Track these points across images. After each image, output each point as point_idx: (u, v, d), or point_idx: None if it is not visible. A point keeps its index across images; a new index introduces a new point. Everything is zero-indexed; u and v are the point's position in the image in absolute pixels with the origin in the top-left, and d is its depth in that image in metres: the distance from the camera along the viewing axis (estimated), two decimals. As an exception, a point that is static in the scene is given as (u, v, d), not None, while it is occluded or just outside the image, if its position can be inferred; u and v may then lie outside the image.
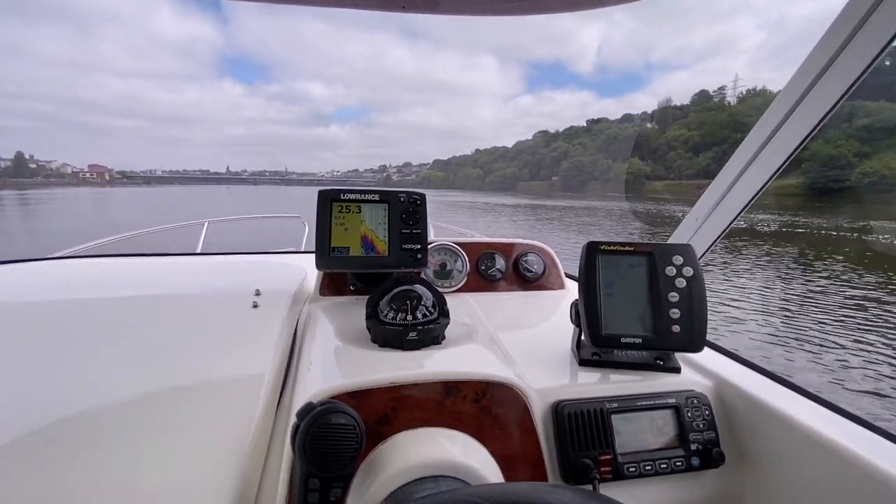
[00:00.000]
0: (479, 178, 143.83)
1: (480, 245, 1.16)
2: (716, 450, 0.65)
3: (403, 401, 0.59)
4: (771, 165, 0.78)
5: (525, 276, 1.14)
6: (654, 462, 0.64)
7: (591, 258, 0.72)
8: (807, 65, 0.71)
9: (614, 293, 0.71)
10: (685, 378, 0.72)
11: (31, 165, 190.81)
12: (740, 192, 0.83)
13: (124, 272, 1.20)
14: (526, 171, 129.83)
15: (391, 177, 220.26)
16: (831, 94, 0.69)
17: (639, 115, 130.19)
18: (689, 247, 0.71)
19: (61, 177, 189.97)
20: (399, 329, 0.72)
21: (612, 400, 0.66)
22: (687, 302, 0.69)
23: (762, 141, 0.78)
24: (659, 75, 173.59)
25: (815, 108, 0.71)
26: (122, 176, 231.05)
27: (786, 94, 0.75)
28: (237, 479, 0.55)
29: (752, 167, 0.80)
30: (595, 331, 0.69)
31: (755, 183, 0.81)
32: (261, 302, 0.90)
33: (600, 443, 0.63)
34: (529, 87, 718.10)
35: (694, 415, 0.67)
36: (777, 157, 0.76)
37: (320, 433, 0.52)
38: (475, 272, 1.13)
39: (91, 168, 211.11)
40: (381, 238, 0.93)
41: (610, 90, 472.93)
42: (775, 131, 0.76)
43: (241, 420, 0.62)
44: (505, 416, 0.61)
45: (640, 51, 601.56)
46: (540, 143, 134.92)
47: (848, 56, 0.66)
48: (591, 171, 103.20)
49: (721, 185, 0.86)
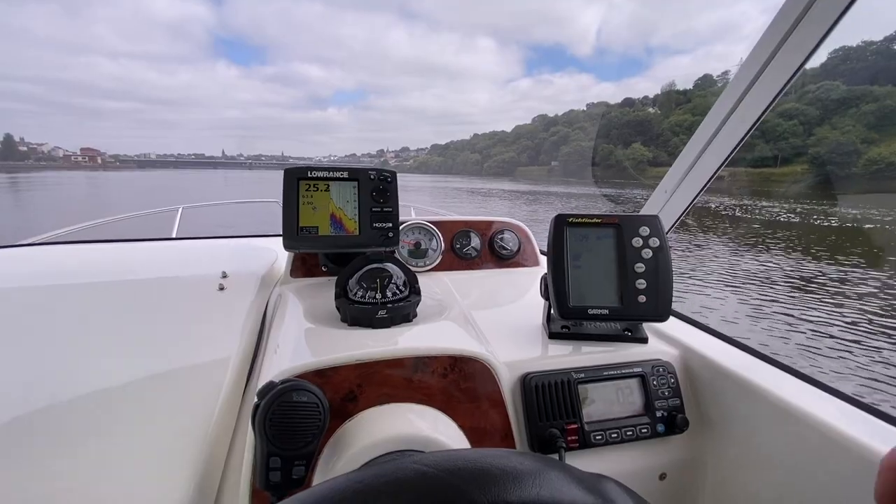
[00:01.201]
0: (477, 163, 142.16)
1: (455, 224, 1.15)
2: (680, 416, 0.66)
3: (370, 378, 0.58)
4: (732, 139, 0.79)
5: (500, 254, 1.14)
6: (620, 430, 0.65)
7: (559, 231, 0.71)
8: (762, 43, 0.72)
9: (581, 265, 0.71)
10: (652, 348, 0.73)
11: (21, 148, 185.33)
12: (706, 165, 0.84)
13: (93, 258, 1.18)
14: (525, 155, 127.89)
15: (388, 161, 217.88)
16: (784, 72, 0.70)
17: (640, 100, 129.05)
18: (656, 218, 0.71)
19: (53, 160, 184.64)
20: (368, 307, 0.71)
21: (579, 371, 0.67)
22: (653, 272, 0.69)
23: (724, 115, 0.79)
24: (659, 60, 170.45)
25: (770, 86, 0.72)
26: (116, 160, 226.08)
27: (743, 71, 0.76)
28: (202, 462, 0.55)
29: (715, 140, 0.81)
30: (563, 303, 0.69)
31: (719, 155, 0.81)
32: (228, 285, 0.88)
33: (567, 413, 0.64)
34: (528, 71, 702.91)
35: (659, 383, 0.68)
36: (738, 131, 0.78)
37: (280, 411, 0.51)
38: (450, 251, 1.12)
39: (83, 151, 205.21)
40: (350, 217, 0.91)
41: (609, 74, 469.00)
42: (735, 106, 0.77)
43: (206, 404, 0.62)
44: (473, 389, 0.61)
45: (641, 34, 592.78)
46: (539, 127, 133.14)
47: (799, 34, 0.67)
48: (591, 156, 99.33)
49: (688, 157, 0.87)
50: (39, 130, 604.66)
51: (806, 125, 60.20)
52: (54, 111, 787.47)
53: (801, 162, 51.65)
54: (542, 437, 0.62)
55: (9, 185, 46.61)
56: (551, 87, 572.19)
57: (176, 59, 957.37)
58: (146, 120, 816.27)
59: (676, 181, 0.89)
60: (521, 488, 0.28)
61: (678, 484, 0.68)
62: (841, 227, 16.16)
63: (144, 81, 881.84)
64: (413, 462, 0.29)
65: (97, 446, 0.55)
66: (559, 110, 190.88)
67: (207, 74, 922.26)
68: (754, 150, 57.69)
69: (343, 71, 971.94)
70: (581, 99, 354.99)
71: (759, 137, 66.05)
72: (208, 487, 0.54)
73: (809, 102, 62.94)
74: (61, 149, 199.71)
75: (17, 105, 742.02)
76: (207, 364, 0.69)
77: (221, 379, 0.66)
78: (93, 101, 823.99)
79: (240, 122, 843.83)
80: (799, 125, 60.18)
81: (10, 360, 0.67)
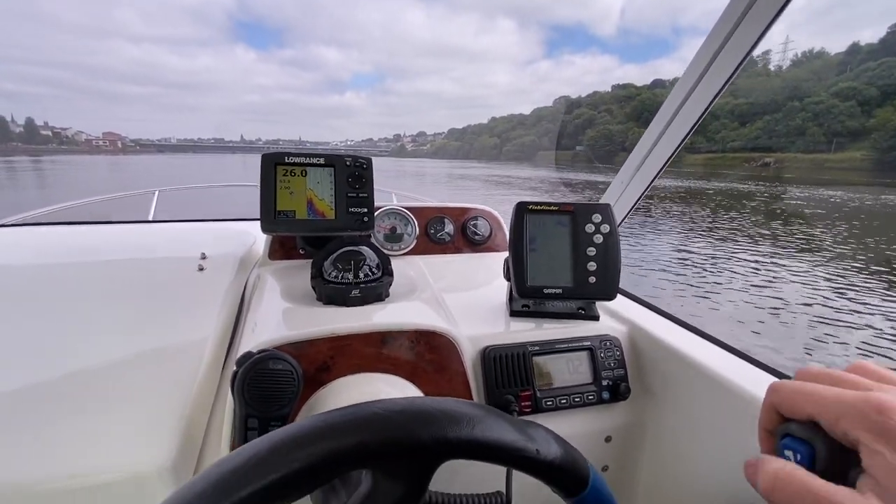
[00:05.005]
0: (495, 147, 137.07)
1: (430, 210, 1.20)
2: (623, 384, 0.74)
3: (342, 350, 0.63)
4: (678, 135, 0.85)
5: (473, 240, 1.20)
6: (569, 396, 0.72)
7: (519, 217, 0.77)
8: (709, 41, 0.77)
9: (538, 248, 0.77)
10: (603, 325, 0.80)
11: (44, 132, 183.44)
12: (655, 159, 0.91)
13: (65, 240, 1.18)
14: (546, 139, 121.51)
15: (405, 146, 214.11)
16: (727, 69, 0.76)
17: (670, 81, 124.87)
18: (608, 206, 0.77)
19: (75, 144, 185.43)
20: (342, 287, 0.76)
21: (534, 344, 0.73)
22: (603, 255, 0.76)
23: (674, 110, 0.85)
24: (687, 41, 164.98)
25: (713, 84, 0.78)
26: (136, 144, 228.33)
27: (692, 67, 0.81)
28: (184, 427, 0.58)
29: (665, 136, 0.87)
30: (521, 283, 0.76)
31: (666, 151, 0.88)
32: (207, 265, 0.91)
33: (522, 381, 0.71)
34: (549, 52, 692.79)
35: (606, 355, 0.76)
36: (684, 126, 0.84)
37: (257, 377, 0.56)
38: (424, 236, 1.17)
39: (105, 136, 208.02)
40: (327, 201, 0.95)
41: (634, 55, 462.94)
42: (684, 101, 0.83)
43: (188, 375, 0.65)
44: (437, 360, 0.67)
45: (668, 13, 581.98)
46: (561, 109, 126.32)
47: (742, 33, 0.73)
48: (621, 141, 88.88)
49: (641, 151, 0.93)
50: (65, 115, 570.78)
51: (865, 105, 55.96)
52: (80, 96, 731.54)
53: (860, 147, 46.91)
54: (498, 402, 0.69)
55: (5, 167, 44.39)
56: (572, 69, 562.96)
57: (196, 43, 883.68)
58: (167, 104, 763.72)
59: (631, 173, 0.96)
60: (458, 428, 0.35)
61: (622, 445, 0.76)
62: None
63: (166, 65, 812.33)
64: (370, 406, 0.35)
65: (80, 416, 0.57)
66: (581, 92, 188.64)
67: (227, 58, 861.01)
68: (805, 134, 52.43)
69: (361, 53, 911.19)
70: (603, 81, 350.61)
71: (810, 120, 60.46)
72: (191, 448, 0.59)
73: (868, 81, 58.11)
74: (84, 133, 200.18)
75: (45, 90, 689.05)
76: (188, 340, 0.72)
77: (202, 352, 0.69)
78: (116, 86, 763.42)
79: (259, 106, 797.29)
80: (857, 106, 55.92)
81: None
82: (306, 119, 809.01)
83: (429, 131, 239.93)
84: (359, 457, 0.31)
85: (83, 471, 0.51)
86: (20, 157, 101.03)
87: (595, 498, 0.39)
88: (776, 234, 12.58)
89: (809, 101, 68.91)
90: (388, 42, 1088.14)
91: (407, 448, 0.33)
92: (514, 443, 0.36)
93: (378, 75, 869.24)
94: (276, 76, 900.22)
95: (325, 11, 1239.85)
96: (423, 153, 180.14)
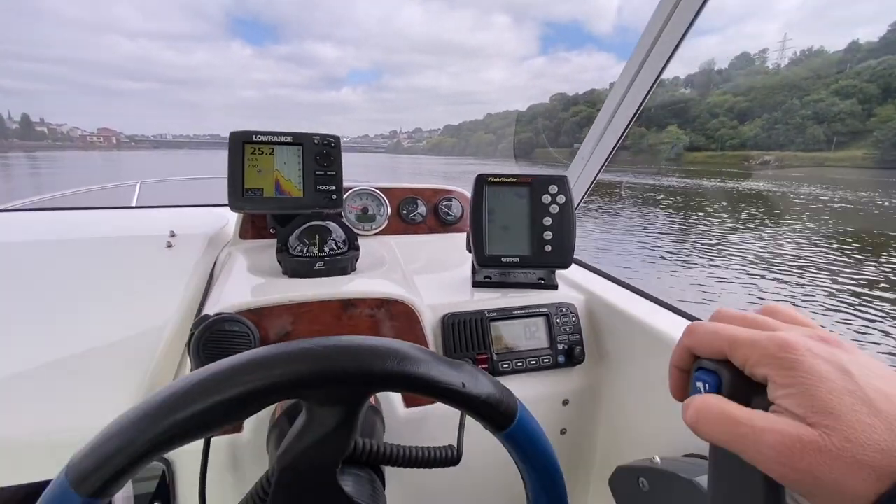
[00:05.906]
0: (491, 143, 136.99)
1: (403, 190, 1.21)
2: (578, 349, 0.76)
3: (302, 316, 0.65)
4: (627, 115, 0.91)
5: (445, 220, 1.22)
6: (525, 360, 0.74)
7: (479, 189, 0.79)
8: (646, 35, 0.85)
9: (496, 219, 0.79)
10: (561, 293, 0.83)
11: (40, 129, 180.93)
12: (610, 137, 0.94)
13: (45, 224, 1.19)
14: (543, 136, 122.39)
15: (402, 143, 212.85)
16: (661, 59, 0.84)
17: (671, 80, 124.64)
18: (564, 177, 0.80)
19: (70, 140, 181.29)
20: (307, 260, 0.77)
21: (492, 311, 0.76)
22: (559, 225, 0.78)
23: (622, 93, 0.89)
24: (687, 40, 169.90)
25: (650, 74, 0.85)
26: (131, 140, 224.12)
27: (633, 60, 0.89)
28: (147, 389, 0.59)
29: (618, 114, 0.92)
30: (480, 252, 0.78)
31: (620, 126, 0.92)
32: (176, 243, 0.92)
33: (479, 346, 0.73)
34: (544, 49, 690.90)
35: (562, 321, 0.78)
36: (629, 109, 0.90)
37: (213, 339, 0.58)
38: (396, 216, 1.19)
39: (100, 132, 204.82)
40: (295, 180, 0.96)
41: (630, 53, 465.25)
42: (629, 88, 0.88)
43: (152, 342, 0.66)
44: (398, 327, 0.69)
45: None
46: (558, 106, 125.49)
47: (673, 25, 0.82)
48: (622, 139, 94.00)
49: (598, 129, 0.97)
50: (61, 111, 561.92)
51: (865, 104, 55.82)
52: (76, 91, 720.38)
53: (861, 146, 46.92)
54: None
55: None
56: (568, 66, 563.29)
57: (192, 39, 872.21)
58: (164, 100, 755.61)
59: (590, 150, 0.98)
60: (383, 363, 0.37)
61: (579, 408, 0.79)
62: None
63: (162, 61, 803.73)
64: (305, 342, 0.37)
65: (53, 383, 0.58)
66: (578, 89, 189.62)
67: (223, 54, 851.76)
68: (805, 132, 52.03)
69: (357, 50, 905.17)
70: (600, 78, 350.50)
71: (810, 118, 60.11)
72: None
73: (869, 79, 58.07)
74: (79, 129, 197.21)
75: (43, 86, 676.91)
76: (155, 309, 0.73)
77: (164, 325, 0.70)
78: (112, 82, 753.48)
79: (255, 102, 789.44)
80: (858, 104, 55.81)
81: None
82: (303, 115, 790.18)
83: (425, 128, 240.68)
84: (292, 385, 0.34)
85: (55, 429, 0.53)
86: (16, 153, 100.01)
87: (522, 431, 0.41)
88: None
89: (809, 100, 69.49)
90: (385, 38, 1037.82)
91: (334, 379, 0.35)
92: (439, 376, 0.38)
93: (374, 71, 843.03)
94: (272, 72, 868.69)
95: (321, 7, 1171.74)
96: (419, 150, 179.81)
